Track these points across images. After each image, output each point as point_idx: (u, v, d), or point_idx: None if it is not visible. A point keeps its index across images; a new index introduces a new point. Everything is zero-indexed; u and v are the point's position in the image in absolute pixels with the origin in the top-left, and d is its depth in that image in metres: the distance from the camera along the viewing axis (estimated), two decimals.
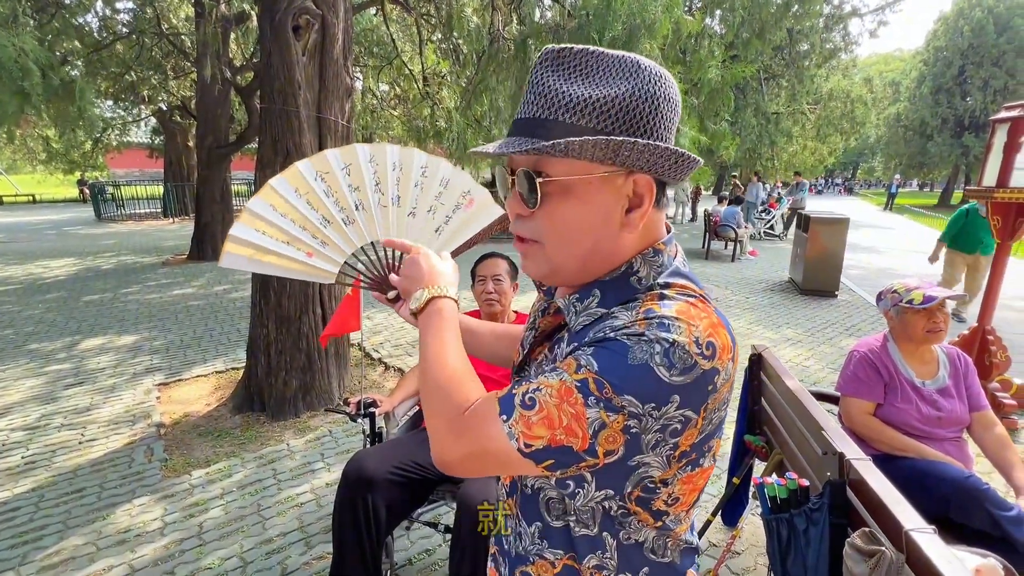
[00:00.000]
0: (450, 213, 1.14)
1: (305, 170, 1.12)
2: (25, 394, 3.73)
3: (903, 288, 1.89)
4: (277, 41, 3.10)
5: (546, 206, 0.60)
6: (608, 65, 0.58)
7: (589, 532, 0.65)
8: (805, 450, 1.56)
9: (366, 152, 1.16)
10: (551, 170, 0.58)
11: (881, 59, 41.79)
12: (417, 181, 1.16)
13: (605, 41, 3.20)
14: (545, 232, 0.62)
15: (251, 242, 1.06)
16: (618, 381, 0.53)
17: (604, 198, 0.59)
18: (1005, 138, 3.14)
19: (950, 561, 0.94)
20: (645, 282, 0.62)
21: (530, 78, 0.61)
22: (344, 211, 1.11)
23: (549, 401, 0.56)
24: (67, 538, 2.27)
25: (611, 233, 0.61)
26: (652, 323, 0.55)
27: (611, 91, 0.56)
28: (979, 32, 21.93)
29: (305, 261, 1.07)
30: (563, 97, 0.57)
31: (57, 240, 11.83)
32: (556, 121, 0.57)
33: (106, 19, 9.01)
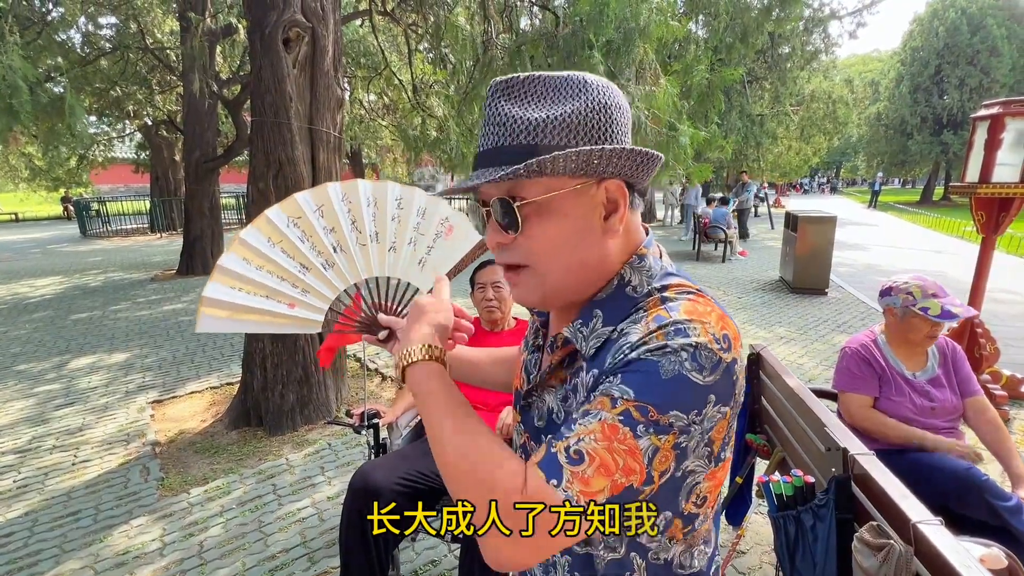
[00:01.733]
0: (431, 243, 1.13)
1: (276, 217, 1.07)
2: (14, 416, 3.66)
3: (919, 292, 1.81)
4: (267, 54, 3.10)
5: (527, 229, 0.60)
6: (556, 86, 0.60)
7: (616, 556, 0.64)
8: (808, 447, 1.58)
9: (338, 191, 1.12)
10: (525, 193, 0.59)
11: (860, 60, 42.65)
12: (394, 215, 1.13)
13: (600, 46, 3.23)
14: (531, 254, 0.62)
15: (227, 302, 1.00)
16: (659, 400, 0.53)
17: (581, 209, 0.61)
18: (986, 135, 3.21)
19: (958, 551, 0.95)
20: (640, 290, 0.63)
21: (485, 112, 0.62)
22: (322, 255, 1.07)
23: (598, 447, 0.53)
24: (63, 563, 2.22)
25: (595, 241, 0.62)
26: (669, 331, 0.55)
27: (566, 108, 0.58)
28: (953, 32, 22.51)
29: (288, 314, 1.03)
30: (521, 122, 0.58)
31: (42, 258, 11.65)
32: (520, 145, 0.58)
33: (89, 35, 8.95)
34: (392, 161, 17.62)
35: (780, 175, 17.86)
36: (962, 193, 3.43)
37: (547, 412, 0.69)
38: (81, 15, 7.87)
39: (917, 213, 19.65)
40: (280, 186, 3.21)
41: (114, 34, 9.04)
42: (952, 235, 13.52)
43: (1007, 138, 3.14)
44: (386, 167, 18.82)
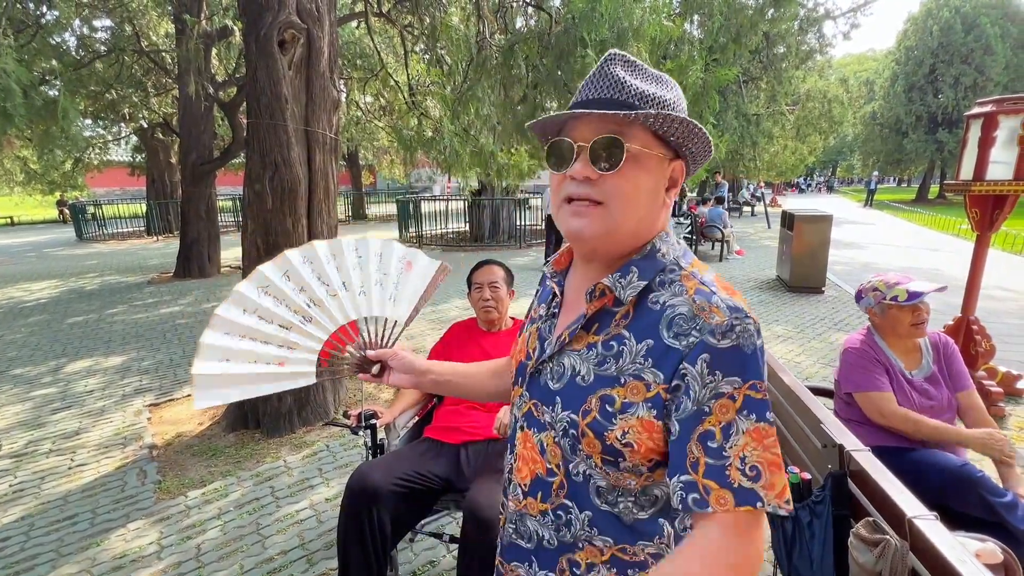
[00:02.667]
0: (396, 280, 1.20)
1: (246, 290, 1.13)
2: (10, 420, 3.64)
3: (884, 285, 1.87)
4: (263, 56, 3.10)
5: (622, 170, 0.67)
6: (657, 76, 0.72)
7: (643, 516, 0.70)
8: (804, 444, 1.59)
9: (297, 255, 1.19)
10: (631, 139, 0.67)
11: (855, 59, 42.82)
12: (354, 263, 1.20)
13: (594, 44, 3.24)
14: (615, 193, 0.68)
15: (219, 375, 1.05)
16: (757, 373, 0.63)
17: (658, 174, 0.71)
18: (979, 133, 3.23)
19: (953, 546, 0.96)
20: (667, 257, 0.72)
21: (597, 72, 0.71)
22: (299, 313, 1.12)
23: (761, 454, 0.62)
24: (60, 567, 2.21)
25: (656, 205, 0.72)
26: (724, 308, 0.64)
27: (669, 94, 0.70)
28: (947, 31, 22.61)
29: (280, 372, 1.07)
30: (634, 88, 0.68)
31: (38, 262, 11.59)
32: (631, 105, 0.67)
33: (84, 37, 8.91)
34: (389, 162, 17.62)
35: (776, 174, 17.90)
36: (956, 191, 3.45)
37: (568, 374, 0.73)
38: (76, 18, 7.84)
39: (913, 211, 19.72)
40: (276, 188, 3.20)
41: (109, 37, 9.00)
42: (947, 233, 13.58)
43: (1000, 136, 3.16)
44: (383, 168, 18.82)
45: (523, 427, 0.79)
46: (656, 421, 0.65)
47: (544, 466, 0.75)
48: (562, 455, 0.73)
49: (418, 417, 2.11)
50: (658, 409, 0.65)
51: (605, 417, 0.67)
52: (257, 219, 3.25)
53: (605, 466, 0.69)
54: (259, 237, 3.26)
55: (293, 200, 3.25)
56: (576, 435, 0.70)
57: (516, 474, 0.80)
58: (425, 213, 12.77)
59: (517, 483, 0.80)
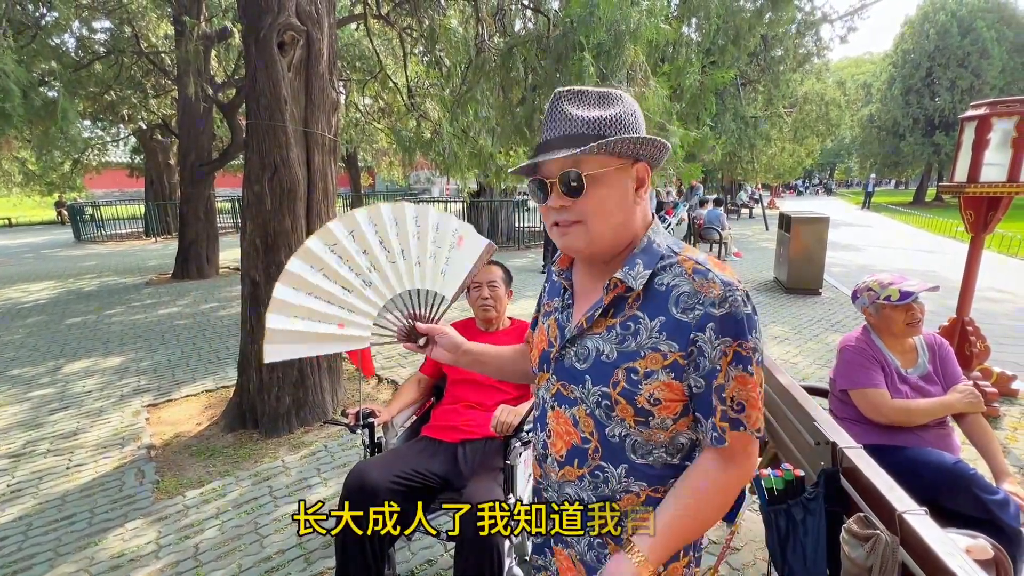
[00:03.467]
0: (448, 254, 1.23)
1: (315, 246, 1.17)
2: (8, 421, 3.64)
3: (878, 285, 1.91)
4: (262, 58, 3.11)
5: (586, 194, 0.80)
6: (602, 96, 0.83)
7: (674, 462, 0.86)
8: (798, 442, 1.60)
9: (364, 215, 1.23)
10: (587, 168, 0.80)
11: (852, 62, 42.96)
12: (414, 232, 1.24)
13: (591, 48, 3.27)
14: (587, 212, 0.81)
15: (288, 330, 1.10)
16: (743, 334, 0.78)
17: (622, 182, 0.82)
18: (973, 135, 3.26)
19: (943, 540, 0.97)
20: (663, 247, 0.85)
21: (549, 111, 0.84)
22: (360, 275, 1.17)
23: (744, 393, 0.79)
24: (58, 566, 2.22)
25: (629, 207, 0.84)
26: (718, 282, 0.78)
27: (613, 111, 0.81)
28: (944, 35, 22.72)
29: (339, 333, 1.12)
30: (582, 119, 0.80)
31: (36, 263, 11.58)
32: (583, 135, 0.79)
33: (84, 39, 8.92)
34: (388, 164, 17.62)
35: (774, 177, 17.95)
36: (951, 193, 3.48)
37: (593, 355, 0.85)
38: (75, 19, 7.85)
39: (910, 214, 19.79)
40: (275, 189, 3.22)
41: (108, 38, 9.01)
42: (944, 235, 13.64)
43: (994, 138, 3.19)
44: (382, 170, 18.83)
45: (553, 407, 0.92)
46: (675, 382, 0.80)
47: (579, 436, 0.88)
48: (595, 423, 0.86)
49: (416, 416, 2.12)
50: (676, 372, 0.80)
51: (632, 385, 0.81)
52: (256, 220, 3.26)
53: (638, 426, 0.83)
54: (258, 238, 3.27)
55: (292, 201, 3.26)
56: (610, 404, 0.83)
57: (551, 448, 0.93)
58: None
59: (554, 457, 0.92)
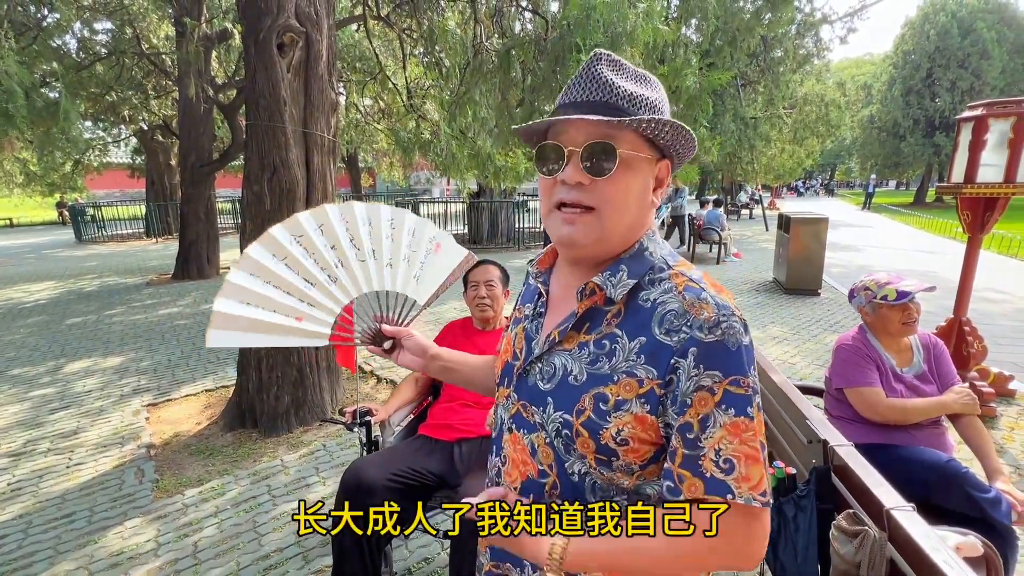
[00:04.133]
0: (423, 259, 1.18)
1: (279, 235, 1.11)
2: (9, 420, 3.65)
3: (875, 284, 1.92)
4: (262, 59, 3.13)
5: (615, 176, 0.67)
6: (643, 76, 0.72)
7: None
8: (791, 440, 1.61)
9: (336, 211, 1.17)
10: (622, 144, 0.67)
11: (853, 63, 42.98)
12: (388, 233, 1.19)
13: (588, 49, 3.29)
14: (607, 199, 0.68)
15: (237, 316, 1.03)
16: (739, 368, 0.64)
17: (646, 176, 0.71)
18: (970, 136, 3.27)
19: (929, 536, 0.99)
20: (655, 256, 0.73)
21: (584, 71, 0.70)
22: (326, 270, 1.10)
23: (736, 447, 0.62)
24: (58, 563, 2.23)
25: (646, 206, 0.72)
26: (712, 304, 0.65)
27: (653, 95, 0.71)
28: (944, 36, 22.74)
29: (296, 327, 1.05)
30: (622, 89, 0.68)
31: (37, 263, 11.61)
32: (618, 106, 0.67)
33: (85, 40, 8.95)
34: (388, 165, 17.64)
35: (774, 178, 17.95)
36: (948, 193, 3.49)
37: (559, 374, 0.72)
38: (77, 20, 7.88)
39: (910, 214, 19.79)
40: (275, 189, 3.23)
41: (110, 39, 9.05)
42: (944, 236, 13.64)
43: (990, 139, 3.20)
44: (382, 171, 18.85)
45: (511, 429, 0.78)
46: (650, 416, 0.66)
47: (536, 467, 0.74)
48: (555, 455, 0.72)
49: (413, 415, 2.14)
50: (652, 404, 0.65)
51: (599, 416, 0.67)
52: (256, 220, 3.28)
53: (599, 466, 0.69)
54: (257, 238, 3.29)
55: (291, 201, 3.28)
56: (570, 435, 0.69)
57: (506, 477, 0.79)
58: (424, 215, 12.81)
59: (508, 487, 0.78)
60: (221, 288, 1.04)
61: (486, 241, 12.54)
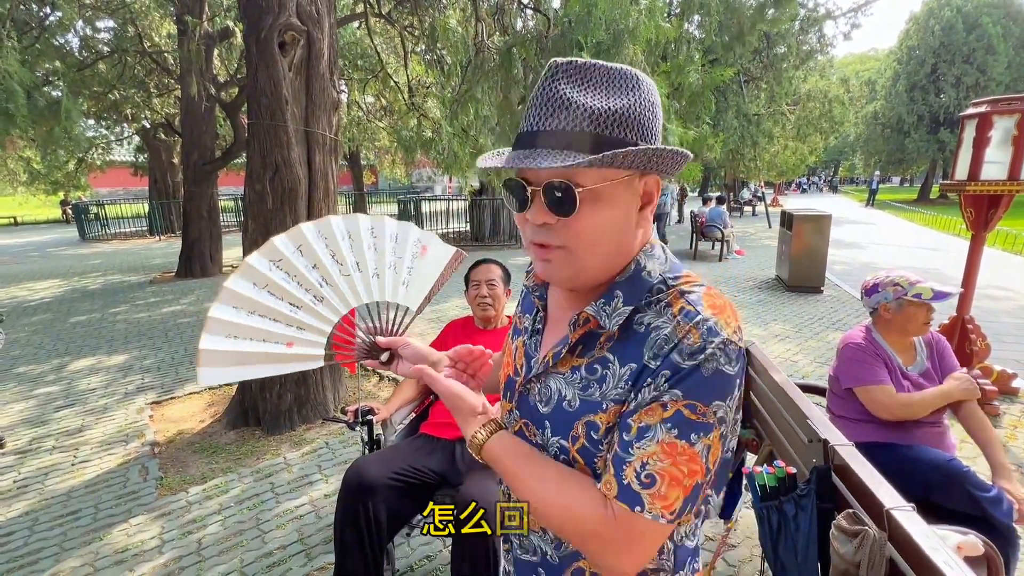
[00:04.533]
0: (410, 264, 1.16)
1: (257, 263, 1.08)
2: (14, 418, 3.68)
3: (906, 282, 1.86)
4: (263, 57, 3.13)
5: (580, 214, 0.61)
6: (613, 77, 0.62)
7: None
8: (792, 439, 1.61)
9: (312, 229, 1.14)
10: (583, 180, 0.60)
11: (857, 59, 42.74)
12: (370, 243, 1.16)
13: (590, 47, 3.27)
14: (575, 237, 0.63)
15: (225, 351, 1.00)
16: (704, 395, 0.59)
17: (626, 199, 0.64)
18: (974, 133, 3.25)
19: (929, 536, 0.99)
20: (654, 275, 0.67)
21: (541, 90, 0.62)
22: (310, 291, 1.07)
23: (664, 466, 0.59)
24: (63, 560, 2.25)
25: (630, 229, 0.66)
26: (702, 331, 0.60)
27: (623, 102, 0.61)
28: (949, 31, 22.57)
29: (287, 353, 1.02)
30: (584, 109, 0.59)
31: (41, 262, 11.67)
32: (582, 132, 0.59)
33: (87, 38, 8.97)
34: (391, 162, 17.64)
35: (777, 174, 17.89)
36: (952, 190, 3.47)
37: (555, 398, 0.69)
38: (79, 19, 7.90)
39: (914, 211, 19.70)
40: (277, 188, 3.24)
41: (112, 38, 9.07)
42: (948, 232, 13.58)
43: (995, 136, 3.18)
44: (384, 169, 18.85)
45: None
46: None
47: None
48: None
49: (415, 414, 2.14)
50: None
51: (592, 444, 0.65)
52: (258, 219, 3.29)
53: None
54: (260, 237, 3.29)
55: (293, 200, 3.29)
56: (568, 461, 0.68)
57: None
58: (426, 213, 12.84)
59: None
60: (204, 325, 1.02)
61: (488, 239, 12.54)
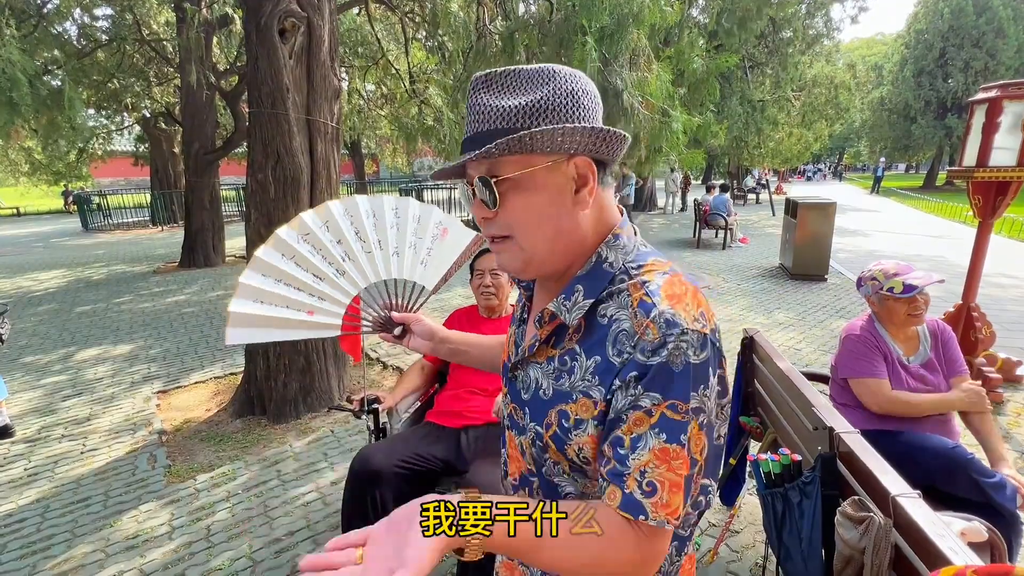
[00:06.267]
0: (430, 245, 1.21)
1: (286, 235, 1.15)
2: (23, 407, 3.72)
3: (882, 275, 1.89)
4: (263, 45, 3.10)
5: (506, 203, 0.66)
6: (528, 77, 0.66)
7: None
8: (797, 427, 1.62)
9: (339, 207, 1.21)
10: (503, 171, 0.65)
11: (863, 43, 42.07)
12: (392, 223, 1.21)
13: (594, 31, 3.22)
14: (512, 224, 0.68)
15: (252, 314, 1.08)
16: (680, 392, 0.61)
17: (553, 183, 0.66)
18: (983, 119, 3.20)
19: (934, 522, 0.99)
20: (616, 265, 0.69)
21: (468, 103, 0.68)
22: (333, 264, 1.14)
23: (662, 472, 0.61)
24: (75, 546, 2.29)
25: (567, 212, 0.68)
26: (660, 325, 0.61)
27: (535, 95, 0.64)
28: (959, 14, 22.15)
29: (308, 320, 1.09)
30: (497, 109, 0.65)
31: (45, 252, 11.70)
32: (496, 130, 0.64)
33: (85, 27, 8.89)
34: (392, 151, 17.54)
35: (781, 162, 17.74)
36: (959, 177, 3.43)
37: (533, 387, 0.73)
38: (76, 6, 7.82)
39: (919, 198, 19.53)
40: (279, 177, 3.23)
41: (110, 26, 8.98)
42: (954, 220, 13.47)
43: (1005, 121, 3.14)
44: (385, 157, 18.75)
45: (508, 427, 0.81)
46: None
47: (526, 466, 0.77)
48: (535, 460, 0.74)
49: (420, 402, 2.16)
50: (604, 426, 0.65)
51: (563, 432, 0.68)
52: (260, 208, 3.28)
53: (574, 473, 0.71)
54: (262, 226, 3.29)
55: (296, 190, 3.27)
56: (543, 446, 0.71)
57: (509, 466, 0.82)
58: (428, 201, 12.79)
59: (510, 479, 0.82)
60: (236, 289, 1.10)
61: None
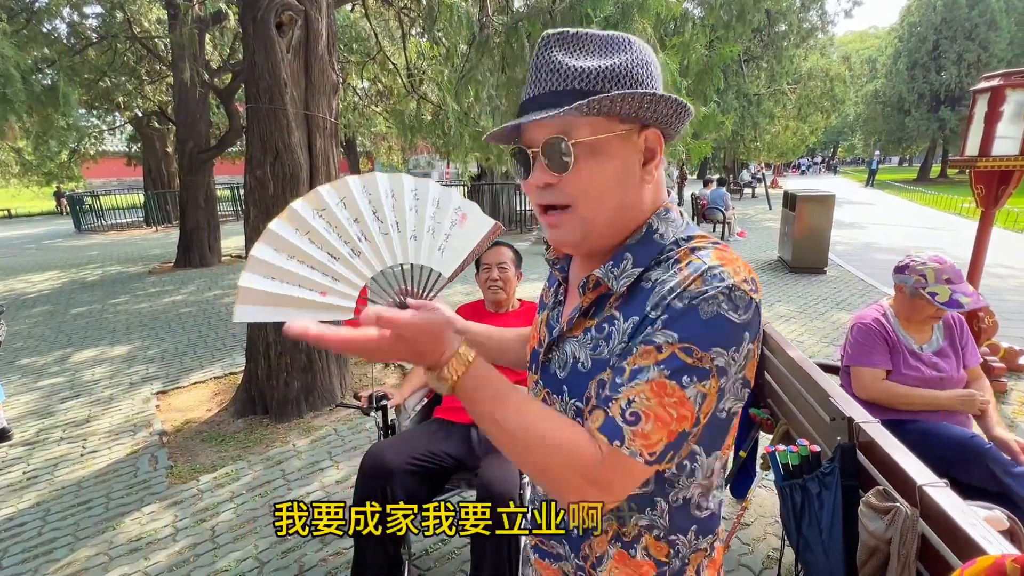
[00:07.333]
0: (448, 231, 1.16)
1: (301, 209, 1.09)
2: (20, 410, 3.67)
3: (933, 275, 1.81)
4: (260, 39, 3.05)
5: (577, 169, 0.63)
6: (604, 41, 0.64)
7: (637, 492, 0.66)
8: (812, 418, 1.60)
9: (358, 183, 1.15)
10: (578, 134, 0.62)
11: (857, 37, 42.18)
12: (411, 205, 1.16)
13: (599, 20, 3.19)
14: (578, 193, 0.64)
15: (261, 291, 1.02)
16: (701, 339, 0.57)
17: (625, 153, 0.64)
18: (986, 108, 3.19)
19: (964, 511, 0.98)
20: (667, 237, 0.67)
21: (535, 60, 0.64)
22: (349, 244, 1.09)
23: (651, 405, 0.58)
24: (78, 549, 2.25)
25: (634, 186, 0.66)
26: (705, 277, 0.59)
27: (615, 61, 0.62)
28: (951, 7, 22.24)
29: (320, 301, 1.04)
30: (574, 70, 0.61)
31: (38, 254, 11.58)
32: (573, 90, 0.61)
33: (75, 24, 8.77)
34: (387, 149, 17.45)
35: (777, 155, 17.77)
36: (961, 167, 3.42)
37: (570, 362, 0.70)
38: (66, 4, 7.70)
39: (914, 191, 19.63)
40: (278, 173, 3.18)
41: (100, 23, 8.86)
42: (949, 212, 13.54)
43: (1007, 110, 3.13)
44: (380, 155, 18.66)
45: None
46: None
47: None
48: None
49: (427, 398, 2.13)
50: None
51: None
52: (259, 205, 3.23)
53: None
54: (262, 224, 3.24)
55: (295, 186, 3.23)
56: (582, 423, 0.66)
57: None
58: None
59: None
60: (246, 263, 1.04)
61: None
